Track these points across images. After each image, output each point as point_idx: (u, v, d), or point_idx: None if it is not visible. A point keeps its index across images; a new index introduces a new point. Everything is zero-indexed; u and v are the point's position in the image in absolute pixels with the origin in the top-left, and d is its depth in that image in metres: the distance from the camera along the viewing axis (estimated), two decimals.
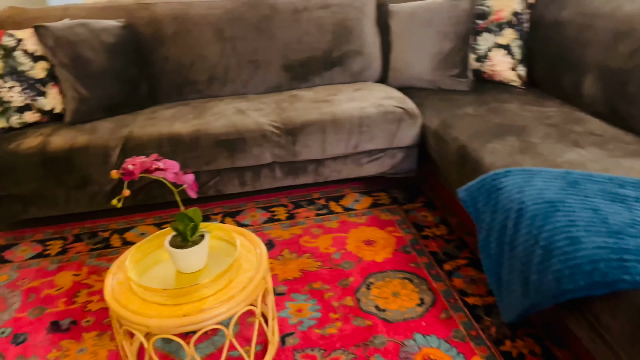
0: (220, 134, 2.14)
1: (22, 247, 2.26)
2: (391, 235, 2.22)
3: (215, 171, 2.23)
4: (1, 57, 2.19)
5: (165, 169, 1.40)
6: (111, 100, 2.35)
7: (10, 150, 2.05)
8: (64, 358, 1.68)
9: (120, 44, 2.40)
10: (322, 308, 1.84)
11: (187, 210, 1.49)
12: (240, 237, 1.67)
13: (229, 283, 1.47)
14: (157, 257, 1.58)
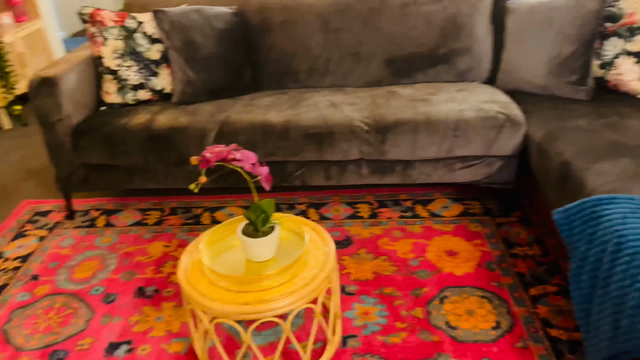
0: (310, 127, 2.15)
1: (126, 213, 2.47)
2: (477, 248, 2.09)
3: (302, 162, 2.25)
4: (123, 38, 2.38)
5: (242, 160, 1.43)
6: (216, 84, 2.46)
7: (121, 124, 2.23)
8: (143, 323, 1.81)
9: (230, 31, 2.50)
10: (389, 315, 1.79)
11: (262, 200, 1.52)
12: (312, 232, 1.67)
13: (292, 277, 1.48)
14: (231, 243, 1.63)
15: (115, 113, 2.33)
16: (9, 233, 2.37)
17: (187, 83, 2.40)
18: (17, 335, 1.79)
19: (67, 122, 2.24)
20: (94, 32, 2.38)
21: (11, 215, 2.51)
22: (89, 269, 2.10)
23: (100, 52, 2.38)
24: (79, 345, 1.74)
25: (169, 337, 1.75)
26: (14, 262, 2.17)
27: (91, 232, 2.34)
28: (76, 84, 2.28)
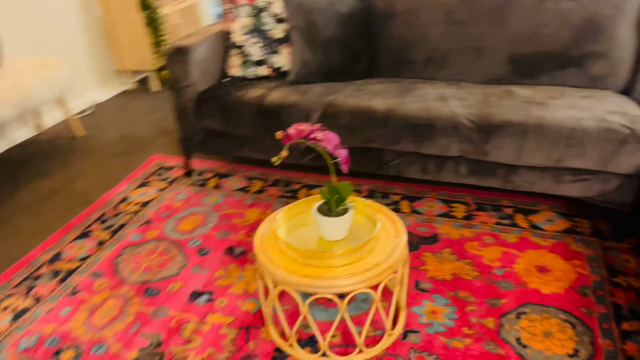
0: (411, 117, 2.13)
1: (234, 179, 2.67)
2: (574, 269, 1.92)
3: (400, 152, 2.24)
4: (252, 15, 2.55)
5: (323, 140, 1.49)
6: (330, 67, 2.53)
7: (238, 96, 2.41)
8: (225, 278, 1.97)
9: (352, 16, 2.55)
10: (458, 319, 1.74)
11: (340, 182, 1.56)
12: (387, 221, 1.67)
13: (357, 260, 1.50)
14: (309, 219, 1.70)
15: (235, 85, 2.52)
16: (136, 181, 2.70)
17: (304, 63, 2.51)
18: (123, 268, 2.06)
19: (193, 88, 2.47)
20: (228, 8, 2.58)
21: (141, 166, 2.85)
22: (192, 222, 2.32)
23: (230, 28, 2.58)
24: (169, 287, 1.95)
25: (244, 296, 1.89)
26: (135, 207, 2.47)
27: (202, 191, 2.57)
28: (205, 55, 2.50)
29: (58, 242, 2.24)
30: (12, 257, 2.18)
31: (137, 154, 3.00)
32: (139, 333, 1.75)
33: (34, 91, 2.76)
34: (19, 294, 1.96)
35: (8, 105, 2.62)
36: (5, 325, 1.82)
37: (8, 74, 2.77)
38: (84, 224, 2.36)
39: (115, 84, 4.04)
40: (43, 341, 1.74)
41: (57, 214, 2.46)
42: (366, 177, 2.61)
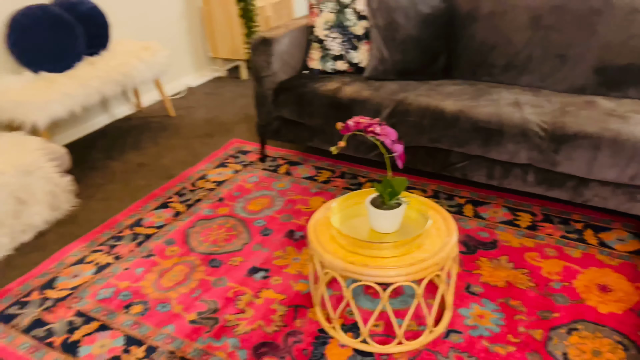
0: (480, 120, 2.12)
1: (304, 167, 2.78)
2: (638, 292, 1.83)
3: (466, 155, 2.22)
4: (336, 11, 2.64)
5: (381, 135, 1.54)
6: (406, 65, 2.56)
7: (314, 88, 2.51)
8: (283, 259, 2.09)
9: (433, 16, 2.55)
10: (504, 325, 1.72)
11: (395, 178, 1.61)
12: (440, 219, 1.70)
13: (403, 254, 1.55)
14: (363, 211, 1.76)
15: (313, 78, 2.63)
16: (216, 161, 2.90)
17: (380, 61, 2.56)
18: (193, 239, 2.24)
19: (273, 78, 2.61)
20: (314, 3, 2.68)
21: (222, 148, 3.05)
22: (260, 204, 2.47)
23: (314, 22, 2.68)
24: (231, 260, 2.10)
25: (298, 277, 1.99)
26: (211, 184, 2.66)
27: (272, 176, 2.71)
28: (287, 47, 2.63)
29: (141, 210, 2.48)
30: (101, 218, 2.44)
31: (219, 136, 3.21)
32: (199, 298, 1.91)
33: (135, 71, 3.04)
34: (103, 251, 2.20)
35: (113, 82, 2.91)
36: (90, 276, 2.06)
37: (114, 54, 3.08)
38: (165, 196, 2.58)
39: (208, 70, 4.31)
40: (118, 294, 1.95)
41: (143, 184, 2.71)
42: (432, 177, 2.61)
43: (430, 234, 1.64)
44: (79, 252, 2.20)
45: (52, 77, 2.74)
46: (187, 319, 1.82)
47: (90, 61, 2.97)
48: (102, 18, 3.07)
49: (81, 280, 2.04)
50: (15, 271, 2.11)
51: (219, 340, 1.73)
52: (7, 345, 1.75)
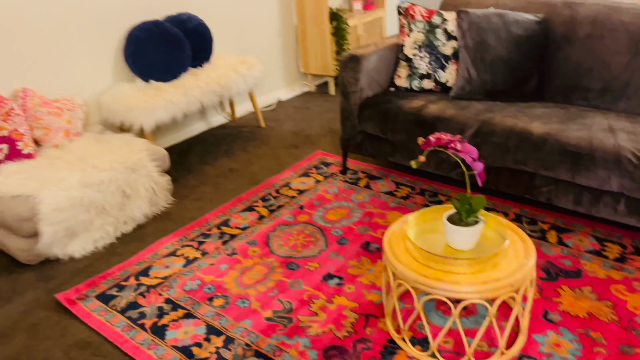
0: (569, 144, 2.06)
1: (384, 182, 2.83)
2: None
3: (552, 179, 2.17)
4: (425, 31, 2.69)
5: (462, 152, 1.57)
6: (495, 86, 2.55)
7: (399, 104, 2.56)
8: (357, 268, 2.15)
9: (526, 38, 2.53)
10: (582, 357, 1.66)
11: (474, 195, 1.62)
12: (518, 241, 1.68)
13: (476, 272, 1.56)
14: (439, 227, 1.78)
15: (399, 95, 2.68)
16: (299, 170, 3.03)
17: (468, 80, 2.56)
18: (274, 242, 2.36)
19: (360, 94, 2.69)
20: (404, 23, 2.75)
21: (306, 159, 3.18)
22: (338, 214, 2.55)
23: (403, 41, 2.74)
24: (307, 265, 2.19)
25: (370, 287, 2.04)
26: (293, 192, 2.79)
27: (352, 188, 2.79)
28: (375, 65, 2.71)
29: (228, 211, 2.65)
30: (192, 216, 2.64)
31: (304, 148, 3.35)
32: (276, 298, 2.01)
33: (232, 84, 3.26)
34: (192, 246, 2.38)
35: (212, 93, 3.15)
36: (179, 268, 2.24)
37: (214, 67, 3.32)
38: (251, 200, 2.74)
39: (298, 85, 4.50)
40: (203, 287, 2.11)
41: (232, 188, 2.89)
42: (514, 200, 2.56)
43: (507, 255, 1.63)
44: (171, 246, 2.39)
45: (160, 85, 3.02)
46: (263, 316, 1.93)
47: (194, 72, 3.23)
48: (207, 34, 3.33)
49: (172, 271, 2.22)
50: (116, 257, 2.34)
51: (292, 338, 1.82)
52: (105, 323, 1.95)
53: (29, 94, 2.59)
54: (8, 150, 2.42)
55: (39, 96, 2.63)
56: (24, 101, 2.55)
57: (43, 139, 2.58)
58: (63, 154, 2.52)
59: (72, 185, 2.26)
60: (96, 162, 2.43)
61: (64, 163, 2.43)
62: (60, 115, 2.63)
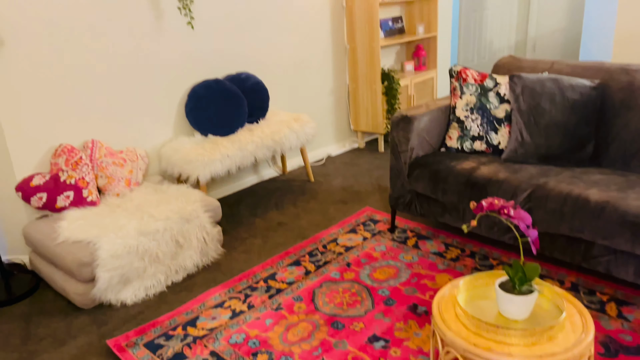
0: (629, 213, 1.99)
1: (433, 242, 2.80)
2: None
3: (611, 249, 2.08)
4: (477, 94, 2.71)
5: (515, 218, 1.54)
6: (549, 150, 2.51)
7: (450, 165, 2.56)
8: (404, 331, 2.10)
9: (583, 103, 2.50)
10: None
11: (527, 263, 1.58)
12: (577, 315, 1.61)
13: (530, 345, 1.49)
14: (491, 294, 1.74)
15: (450, 156, 2.69)
16: (347, 227, 3.04)
17: (521, 144, 2.54)
18: (319, 299, 2.36)
19: (410, 154, 2.72)
20: (456, 85, 2.79)
21: (354, 215, 3.19)
22: (385, 274, 2.52)
23: (455, 103, 2.78)
24: (353, 325, 2.16)
25: (417, 352, 1.98)
26: (340, 249, 2.79)
27: (400, 247, 2.76)
28: (427, 126, 2.74)
29: (276, 265, 2.67)
30: (240, 268, 2.68)
31: (352, 203, 3.37)
32: (320, 357, 1.99)
33: (285, 139, 3.37)
34: (238, 299, 2.40)
35: (265, 147, 3.26)
36: (225, 320, 2.26)
37: (269, 123, 3.45)
38: (298, 254, 2.76)
39: (348, 142, 4.58)
40: (247, 341, 2.11)
41: (280, 241, 2.93)
42: (571, 268, 2.46)
43: (563, 328, 1.56)
44: (219, 297, 2.42)
45: (217, 140, 3.16)
46: None
47: (249, 128, 3.37)
48: (264, 92, 3.48)
49: (218, 322, 2.24)
50: (166, 306, 2.39)
51: None
52: None
53: (97, 145, 2.76)
54: (74, 197, 2.56)
55: (106, 147, 2.80)
56: (91, 151, 2.73)
57: (106, 187, 2.73)
58: (123, 203, 2.65)
59: (130, 233, 2.36)
60: (153, 211, 2.53)
61: (124, 211, 2.55)
62: (124, 166, 2.79)
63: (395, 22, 4.65)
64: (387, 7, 4.56)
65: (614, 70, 2.59)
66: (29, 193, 2.49)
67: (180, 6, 3.12)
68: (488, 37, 6.65)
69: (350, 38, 4.26)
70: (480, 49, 6.60)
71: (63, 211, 2.56)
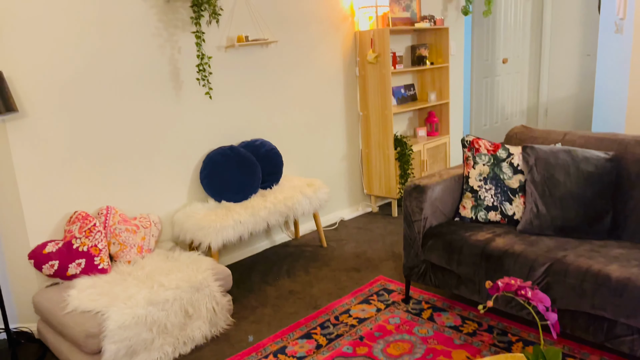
0: None
1: (449, 315, 2.71)
2: None
3: (635, 328, 1.99)
4: (490, 164, 2.71)
5: (534, 300, 1.49)
6: (565, 222, 2.47)
7: (464, 236, 2.52)
8: None
9: (598, 175, 2.48)
10: None
11: (548, 348, 1.51)
12: None
13: None
14: None
15: (464, 226, 2.65)
16: (360, 296, 2.97)
17: (536, 215, 2.51)
18: None
19: (424, 223, 2.69)
20: (469, 155, 2.80)
21: (367, 284, 3.13)
22: (400, 349, 2.43)
23: (468, 173, 2.77)
24: None
25: None
26: (353, 320, 2.71)
27: (415, 320, 2.68)
28: (440, 195, 2.73)
29: (286, 337, 2.60)
30: (248, 341, 2.61)
31: (365, 271, 3.31)
32: None
33: (298, 205, 3.37)
34: None
35: (278, 213, 3.25)
36: None
37: (282, 189, 3.47)
38: (309, 326, 2.68)
39: (361, 206, 4.57)
40: None
41: (291, 311, 2.86)
42: (594, 346, 2.35)
43: None
44: None
45: (231, 206, 3.17)
46: None
47: (263, 193, 3.38)
48: (278, 158, 3.53)
49: None
50: None
51: None
52: None
53: (111, 212, 2.78)
54: (85, 264, 2.56)
55: (120, 214, 2.82)
56: (106, 218, 2.74)
57: (118, 254, 2.72)
58: (134, 270, 2.63)
59: (139, 302, 2.33)
60: (163, 279, 2.51)
61: (134, 280, 2.53)
62: (137, 233, 2.79)
63: (408, 89, 4.76)
64: (399, 75, 4.68)
65: (629, 142, 2.58)
66: (41, 261, 2.49)
67: (200, 77, 3.23)
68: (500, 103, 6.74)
69: (364, 105, 4.35)
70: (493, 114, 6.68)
71: (74, 279, 2.55)
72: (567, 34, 6.83)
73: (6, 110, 2.35)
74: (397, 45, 4.62)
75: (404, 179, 4.31)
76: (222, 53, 3.36)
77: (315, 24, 3.93)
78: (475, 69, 6.23)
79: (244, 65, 3.49)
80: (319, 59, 4.00)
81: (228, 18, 3.36)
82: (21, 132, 2.55)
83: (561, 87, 6.98)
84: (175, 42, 3.11)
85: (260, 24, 3.56)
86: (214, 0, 3.11)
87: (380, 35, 4.05)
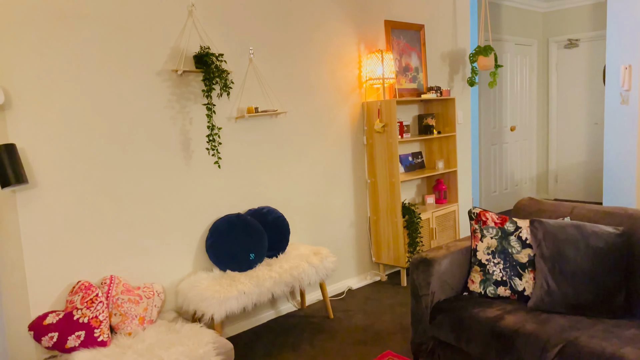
0: None
1: None
2: None
3: None
4: (498, 237, 2.67)
5: None
6: (578, 299, 2.40)
7: (473, 313, 2.45)
8: None
9: (608, 250, 2.43)
10: None
11: None
12: None
13: None
14: None
15: (473, 301, 2.58)
16: None
17: (547, 292, 2.44)
18: None
19: (431, 298, 2.63)
20: (476, 228, 2.77)
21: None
22: None
23: (476, 246, 2.73)
24: None
25: None
26: None
27: None
28: (447, 268, 2.68)
29: None
30: None
31: (373, 345, 3.20)
32: None
33: (304, 275, 3.32)
34: None
35: (283, 283, 3.20)
36: None
37: (289, 257, 3.43)
38: None
39: (369, 274, 4.49)
40: None
41: None
42: None
43: None
44: None
45: (235, 275, 3.13)
46: None
47: (268, 262, 3.35)
48: (285, 226, 3.52)
49: None
50: None
51: None
52: None
53: (115, 281, 2.76)
54: (85, 336, 2.51)
55: (123, 283, 2.80)
56: (109, 288, 2.72)
57: (119, 325, 2.68)
58: (134, 343, 2.57)
59: None
60: (163, 354, 2.44)
61: (133, 353, 2.47)
62: (139, 303, 2.76)
63: (415, 157, 4.80)
64: (406, 143, 4.74)
65: (637, 216, 2.54)
66: (41, 332, 2.45)
67: (209, 147, 3.30)
68: (509, 169, 6.76)
69: (371, 173, 4.38)
70: (502, 180, 6.68)
71: (72, 352, 2.49)
72: (574, 103, 6.94)
73: (17, 181, 2.40)
74: (404, 114, 4.71)
75: (412, 247, 4.26)
76: (232, 123, 3.44)
77: (323, 95, 4.04)
78: (483, 136, 6.30)
79: (253, 135, 3.57)
80: (328, 128, 4.08)
81: (239, 90, 3.47)
82: (30, 202, 2.59)
83: (570, 154, 7.01)
84: (187, 113, 3.20)
85: (270, 95, 3.67)
86: (225, 74, 3.22)
87: (387, 106, 4.14)
